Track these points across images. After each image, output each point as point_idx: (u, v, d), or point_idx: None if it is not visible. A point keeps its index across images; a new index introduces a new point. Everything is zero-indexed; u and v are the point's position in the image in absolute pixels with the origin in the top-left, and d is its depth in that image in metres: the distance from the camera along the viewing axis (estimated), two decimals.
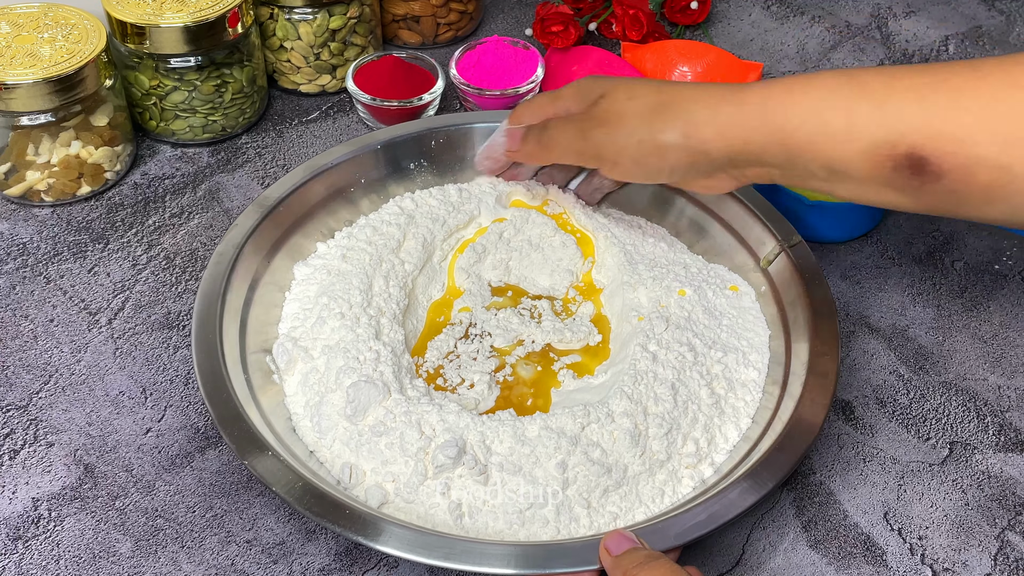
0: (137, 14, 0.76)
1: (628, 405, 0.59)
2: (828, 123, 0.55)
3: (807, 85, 0.56)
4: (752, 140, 0.58)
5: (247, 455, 0.55)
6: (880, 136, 0.54)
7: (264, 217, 0.68)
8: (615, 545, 0.51)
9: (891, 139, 0.53)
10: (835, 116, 0.55)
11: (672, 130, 0.60)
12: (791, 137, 0.56)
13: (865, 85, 0.54)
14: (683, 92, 0.61)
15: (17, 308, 0.71)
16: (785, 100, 0.56)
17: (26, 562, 0.58)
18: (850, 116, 0.54)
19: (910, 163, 0.53)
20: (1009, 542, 0.60)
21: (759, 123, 0.57)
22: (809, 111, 0.55)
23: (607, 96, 0.63)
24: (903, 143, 0.53)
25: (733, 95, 0.58)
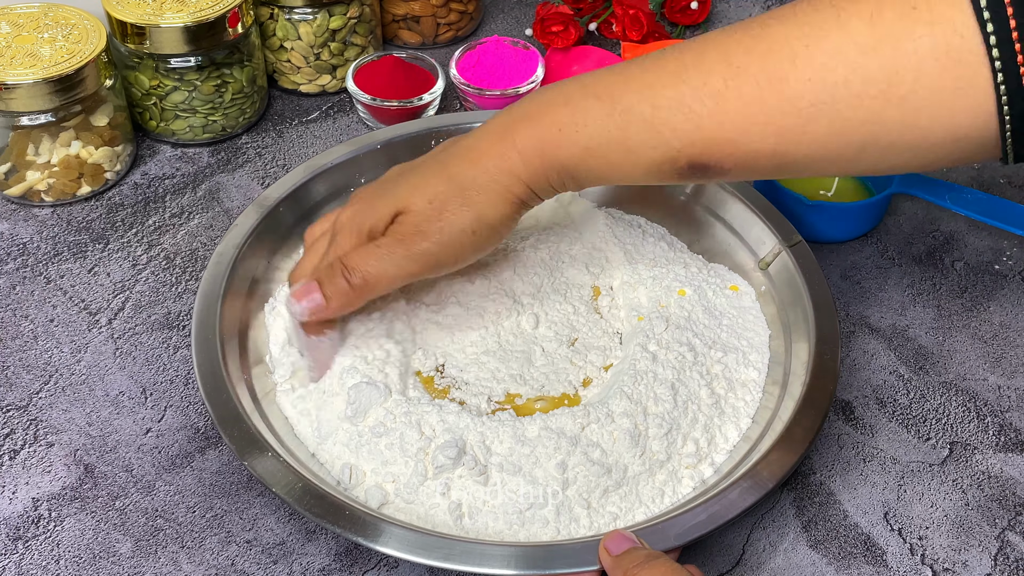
0: (137, 14, 0.76)
1: (628, 405, 0.59)
2: (607, 155, 0.56)
3: (572, 118, 0.56)
4: (542, 176, 0.58)
5: (247, 455, 0.55)
6: (658, 156, 0.54)
7: (264, 217, 0.68)
8: (615, 545, 0.51)
9: (670, 156, 0.54)
10: (612, 148, 0.55)
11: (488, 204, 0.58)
12: (575, 170, 0.57)
13: (630, 110, 0.54)
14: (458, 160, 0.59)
15: (17, 308, 0.71)
16: (559, 141, 0.56)
17: (26, 562, 0.58)
18: (626, 145, 0.55)
19: (693, 169, 0.55)
20: (1009, 542, 0.60)
21: (540, 165, 0.57)
22: (586, 146, 0.56)
23: (407, 211, 0.59)
24: (681, 157, 0.54)
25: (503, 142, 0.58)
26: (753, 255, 0.69)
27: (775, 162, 0.53)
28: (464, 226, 0.58)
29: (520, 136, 0.57)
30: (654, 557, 0.49)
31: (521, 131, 0.57)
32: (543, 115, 0.57)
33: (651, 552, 0.50)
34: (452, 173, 0.58)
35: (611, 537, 0.52)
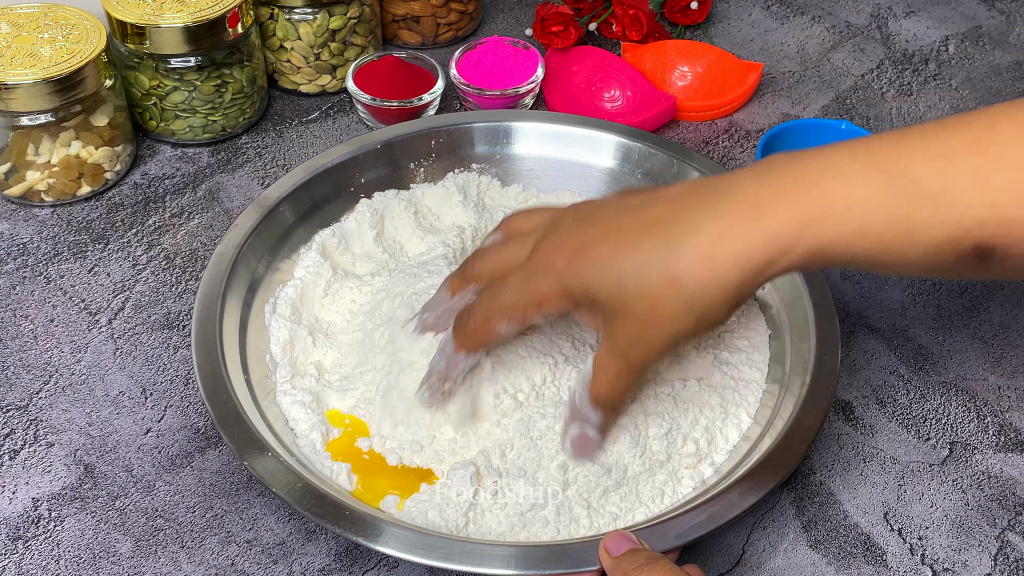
0: (137, 14, 0.76)
1: (627, 406, 0.59)
2: (884, 235, 0.48)
3: (846, 192, 0.48)
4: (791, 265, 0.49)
5: (247, 456, 0.56)
6: (943, 236, 0.47)
7: (264, 217, 0.68)
8: (615, 546, 0.51)
9: (956, 236, 0.47)
10: (891, 227, 0.47)
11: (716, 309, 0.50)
12: (839, 253, 0.49)
13: (917, 183, 0.47)
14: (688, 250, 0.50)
15: (17, 308, 0.71)
16: (826, 220, 0.48)
17: (26, 562, 0.58)
18: (908, 224, 0.47)
19: (976, 254, 0.48)
20: (1009, 542, 0.60)
21: (793, 253, 0.49)
22: (860, 226, 0.48)
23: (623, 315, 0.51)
24: (969, 238, 0.47)
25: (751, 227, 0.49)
26: None
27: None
28: (684, 332, 0.51)
29: (774, 216, 0.48)
30: (654, 559, 0.49)
31: (778, 211, 0.48)
32: (806, 189, 0.48)
33: (651, 554, 0.50)
34: (679, 272, 0.49)
35: (611, 538, 0.52)
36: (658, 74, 0.87)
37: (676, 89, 0.86)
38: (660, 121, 0.85)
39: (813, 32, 0.96)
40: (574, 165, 0.76)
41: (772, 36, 0.96)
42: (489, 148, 0.76)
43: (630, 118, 0.83)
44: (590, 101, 0.85)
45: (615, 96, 0.85)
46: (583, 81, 0.85)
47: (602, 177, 0.76)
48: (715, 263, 0.49)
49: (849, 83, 0.91)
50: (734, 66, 0.87)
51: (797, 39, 0.96)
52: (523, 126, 0.76)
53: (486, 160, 0.76)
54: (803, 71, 0.92)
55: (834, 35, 0.96)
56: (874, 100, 0.89)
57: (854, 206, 0.48)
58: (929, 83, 0.91)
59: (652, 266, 0.50)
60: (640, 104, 0.84)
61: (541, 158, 0.76)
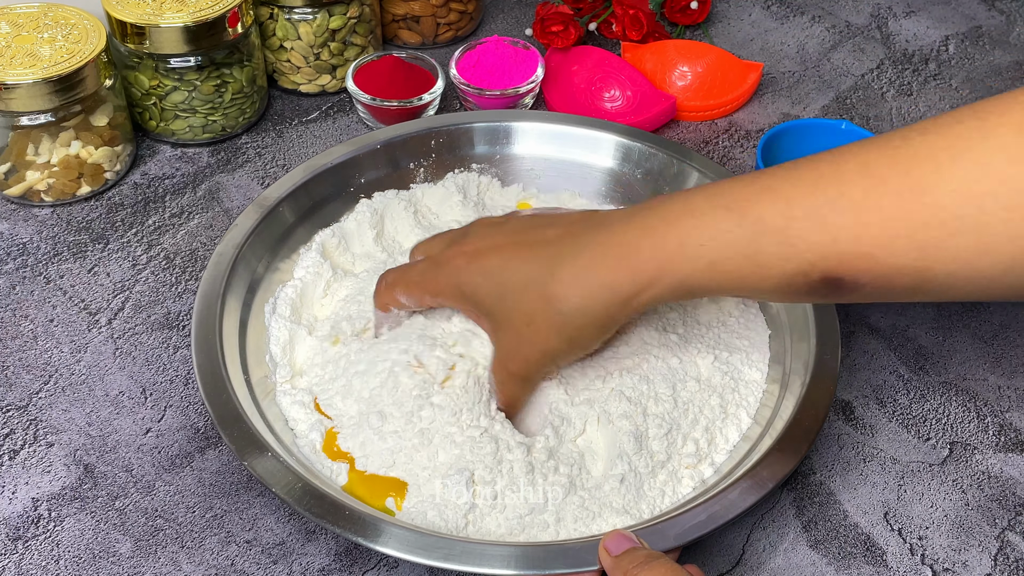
0: (137, 14, 0.76)
1: (627, 407, 0.59)
2: (735, 271, 0.51)
3: (698, 231, 0.52)
4: (656, 297, 0.54)
5: (247, 456, 0.55)
6: (790, 269, 0.50)
7: (264, 217, 0.68)
8: (615, 545, 0.51)
9: (802, 269, 0.50)
10: (740, 263, 0.51)
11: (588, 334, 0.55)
12: (698, 286, 0.53)
13: (762, 220, 0.50)
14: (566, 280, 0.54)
15: (17, 308, 0.71)
16: (682, 256, 0.52)
17: (26, 562, 0.58)
18: (756, 259, 0.51)
19: (826, 284, 0.51)
20: (1009, 542, 0.60)
21: (657, 286, 0.53)
22: (711, 262, 0.52)
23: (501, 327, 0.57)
24: (814, 271, 0.50)
25: (619, 266, 0.53)
26: None
27: (914, 280, 0.49)
28: (556, 351, 0.56)
29: (638, 253, 0.53)
30: (654, 557, 0.49)
31: (640, 247, 0.53)
32: (664, 228, 0.53)
33: (651, 552, 0.50)
34: (552, 293, 0.54)
35: (611, 537, 0.52)
36: (658, 74, 0.87)
37: (676, 89, 0.86)
38: (660, 121, 0.85)
39: (813, 32, 0.96)
40: (574, 165, 0.76)
41: (772, 36, 0.96)
42: (489, 148, 0.76)
43: (630, 118, 0.83)
44: (590, 101, 0.85)
45: (615, 96, 0.85)
46: (583, 81, 0.85)
47: (602, 177, 0.76)
48: (585, 290, 0.54)
49: (849, 83, 0.91)
50: (734, 66, 0.87)
51: (797, 39, 0.96)
52: (523, 126, 0.76)
53: (486, 160, 0.76)
54: (803, 71, 0.92)
55: (834, 35, 0.96)
56: (874, 100, 0.89)
57: (706, 243, 0.51)
58: (929, 83, 0.91)
59: (532, 284, 0.55)
60: (640, 104, 0.84)
61: (541, 158, 0.76)
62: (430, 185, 0.75)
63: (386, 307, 0.63)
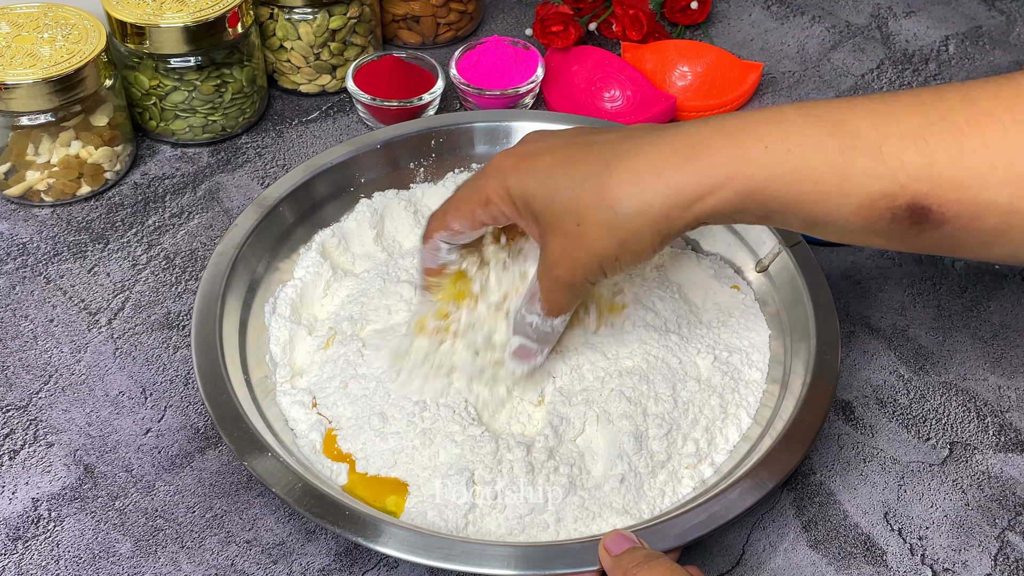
0: (137, 14, 0.76)
1: (627, 407, 0.59)
2: (818, 182, 0.48)
3: (786, 136, 0.48)
4: (725, 205, 0.50)
5: (247, 456, 0.55)
6: (878, 189, 0.48)
7: (264, 217, 0.68)
8: (615, 545, 0.51)
9: (891, 191, 0.47)
10: (826, 173, 0.48)
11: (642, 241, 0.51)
12: (772, 197, 0.49)
13: (855, 134, 0.48)
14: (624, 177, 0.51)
15: (17, 308, 0.71)
16: (763, 160, 0.49)
17: (26, 562, 0.58)
18: (844, 171, 0.48)
19: (911, 214, 0.48)
20: (1009, 542, 0.60)
21: (727, 191, 0.49)
22: (795, 169, 0.48)
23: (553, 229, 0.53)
24: (904, 194, 0.47)
25: (686, 163, 0.50)
26: (753, 255, 0.69)
27: (1002, 221, 0.47)
28: (606, 254, 0.52)
29: (711, 154, 0.49)
30: (654, 557, 0.49)
31: (714, 148, 0.49)
32: (747, 130, 0.49)
33: (651, 552, 0.50)
34: (608, 191, 0.50)
35: (611, 537, 0.52)
36: (658, 74, 0.87)
37: (676, 89, 0.86)
38: (660, 121, 0.85)
39: (813, 32, 0.96)
40: None
41: (772, 36, 0.96)
42: (489, 148, 0.76)
43: (630, 118, 0.83)
44: (590, 101, 0.85)
45: (615, 96, 0.85)
46: (583, 81, 0.85)
47: None
48: (644, 188, 0.50)
49: (849, 83, 0.91)
50: (734, 66, 0.87)
51: (797, 39, 0.96)
52: (523, 126, 0.76)
53: (486, 160, 0.76)
54: (803, 71, 0.92)
55: (834, 35, 0.96)
56: None
57: (792, 149, 0.48)
58: (929, 83, 0.91)
59: (585, 182, 0.51)
60: (640, 104, 0.84)
61: None
62: (430, 185, 0.75)
63: (432, 240, 0.59)
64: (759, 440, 0.59)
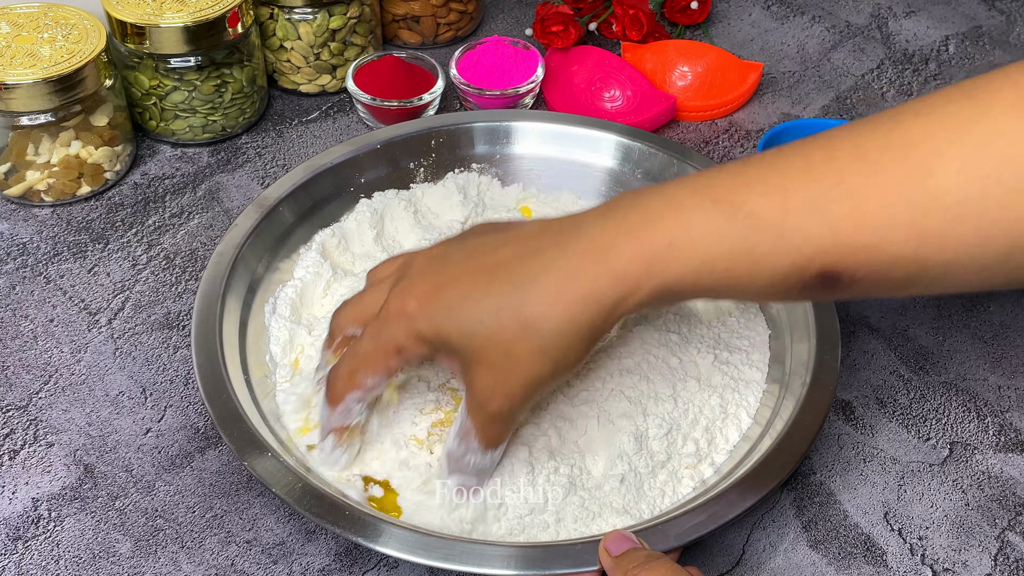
0: (137, 14, 0.76)
1: (627, 407, 0.59)
2: (728, 269, 0.48)
3: (687, 228, 0.48)
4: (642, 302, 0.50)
5: (247, 456, 0.55)
6: (787, 265, 0.48)
7: (264, 217, 0.68)
8: (615, 546, 0.51)
9: (800, 264, 0.47)
10: (734, 260, 0.48)
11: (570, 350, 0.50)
12: (688, 288, 0.49)
13: (755, 215, 0.47)
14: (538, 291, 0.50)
15: (17, 308, 0.71)
16: (670, 257, 0.48)
17: (26, 562, 0.58)
18: (750, 256, 0.48)
19: (822, 281, 0.48)
20: (1009, 542, 0.60)
21: (642, 291, 0.49)
22: (702, 262, 0.48)
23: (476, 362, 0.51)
24: (812, 266, 0.47)
25: (597, 267, 0.49)
26: None
27: (911, 271, 0.47)
28: (541, 377, 0.51)
29: (619, 256, 0.49)
30: (654, 558, 0.49)
31: (621, 249, 0.49)
32: (648, 226, 0.49)
33: (651, 553, 0.50)
34: (530, 315, 0.49)
35: (611, 537, 0.52)
36: (658, 74, 0.87)
37: (676, 89, 0.86)
38: (660, 121, 0.85)
39: (813, 32, 0.96)
40: (574, 165, 0.76)
41: (772, 36, 0.96)
42: (489, 148, 0.76)
43: (630, 118, 0.83)
44: (590, 101, 0.85)
45: (615, 96, 0.85)
46: (583, 81, 0.85)
47: (602, 177, 0.76)
48: (566, 305, 0.49)
49: (849, 83, 0.91)
50: (734, 66, 0.87)
51: (797, 39, 0.96)
52: (523, 126, 0.76)
53: (486, 160, 0.76)
54: (803, 71, 0.92)
55: (834, 35, 0.96)
56: (874, 100, 0.89)
57: (697, 241, 0.48)
58: (929, 83, 0.91)
59: (503, 311, 0.50)
60: (640, 104, 0.84)
61: (541, 158, 0.76)
62: (430, 185, 0.75)
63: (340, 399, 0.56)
64: (759, 440, 0.59)
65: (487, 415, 0.52)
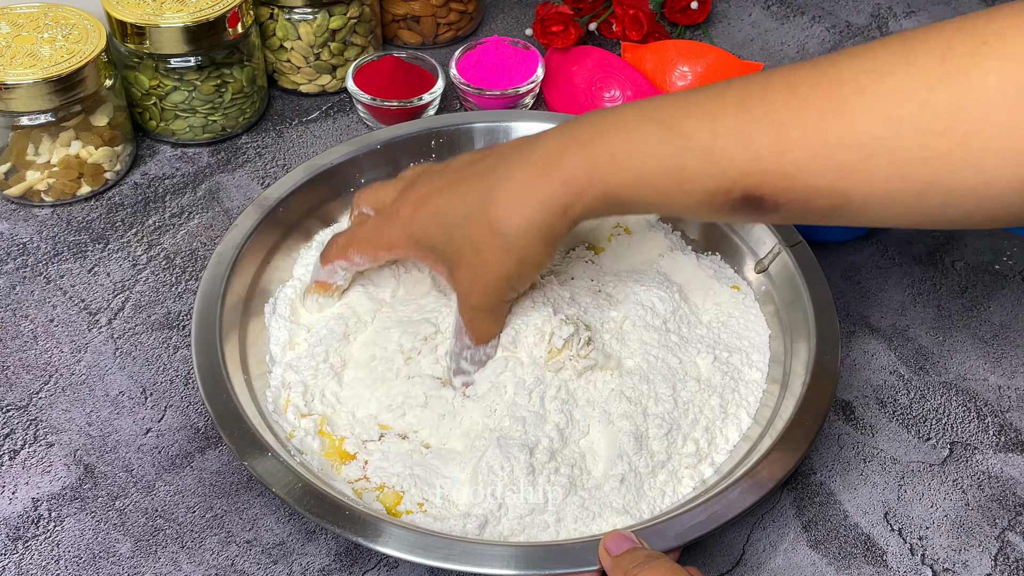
0: (137, 14, 0.76)
1: (628, 407, 0.59)
2: (658, 185, 0.53)
3: (627, 144, 0.53)
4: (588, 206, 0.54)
5: (247, 456, 0.55)
6: (713, 186, 0.52)
7: (264, 217, 0.68)
8: (615, 545, 0.51)
9: (724, 187, 0.51)
10: (664, 178, 0.52)
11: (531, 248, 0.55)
12: (625, 199, 0.54)
13: (688, 136, 0.51)
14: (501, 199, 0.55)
15: (17, 308, 0.71)
16: (610, 167, 0.53)
17: (26, 562, 0.58)
18: (680, 175, 0.52)
19: (747, 203, 0.52)
20: (1009, 542, 0.60)
21: (587, 194, 0.54)
22: (636, 176, 0.53)
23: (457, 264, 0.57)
24: (736, 188, 0.51)
25: (548, 175, 0.54)
26: (753, 255, 0.69)
27: (831, 201, 0.51)
28: (509, 273, 0.57)
29: (568, 164, 0.54)
30: (654, 558, 0.49)
31: (570, 158, 0.54)
32: (595, 140, 0.54)
33: (651, 552, 0.50)
34: (494, 218, 0.55)
35: (611, 537, 0.52)
36: (658, 74, 0.87)
37: (676, 89, 0.86)
38: None
39: (813, 32, 0.96)
40: None
41: (772, 36, 0.96)
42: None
43: None
44: (590, 101, 0.85)
45: (615, 96, 0.85)
46: (583, 81, 0.85)
47: None
48: (522, 207, 0.54)
49: None
50: (734, 66, 0.87)
51: (797, 39, 0.96)
52: (523, 126, 0.76)
53: None
54: None
55: (834, 35, 0.96)
56: None
57: (633, 156, 0.52)
58: None
59: (473, 214, 0.56)
60: None
61: None
62: None
63: (329, 262, 0.64)
64: (759, 440, 0.59)
65: (471, 309, 0.59)
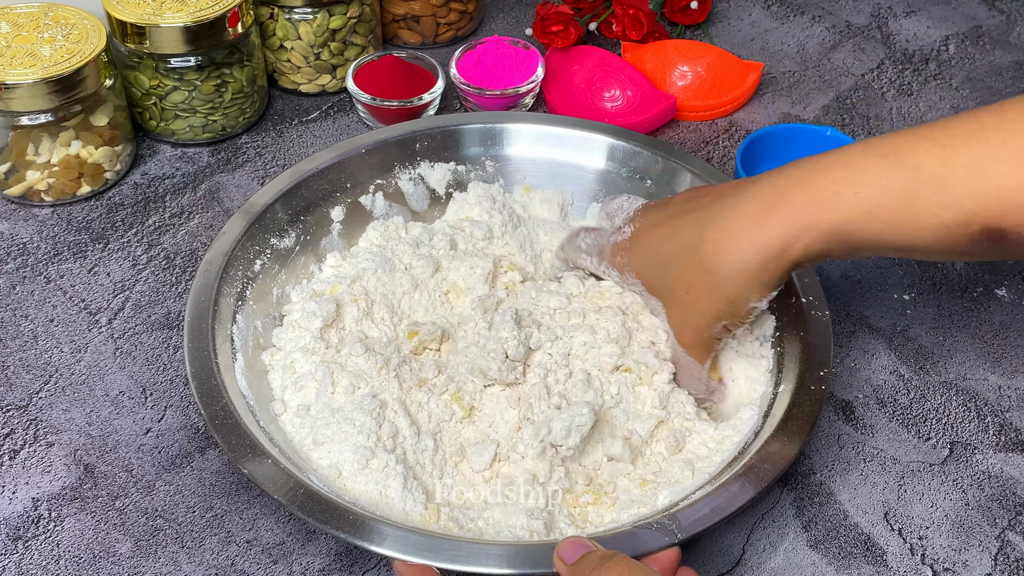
0: (137, 14, 0.76)
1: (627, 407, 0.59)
2: (891, 219, 0.51)
3: (854, 179, 0.51)
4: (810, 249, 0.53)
5: (245, 461, 0.55)
6: (948, 219, 0.50)
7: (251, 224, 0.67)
8: (569, 553, 0.50)
9: (962, 220, 0.50)
10: (897, 211, 0.51)
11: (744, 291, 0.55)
12: (852, 236, 0.52)
13: (920, 168, 0.50)
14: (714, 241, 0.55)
15: (17, 308, 0.71)
16: (835, 204, 0.51)
17: (26, 562, 0.58)
18: (913, 207, 0.50)
19: (986, 236, 0.50)
20: (1009, 542, 0.60)
21: (809, 235, 0.52)
22: (866, 210, 0.51)
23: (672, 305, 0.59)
24: (975, 222, 0.50)
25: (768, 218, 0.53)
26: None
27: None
28: (720, 313, 0.57)
29: (787, 203, 0.53)
30: (608, 558, 0.48)
31: (789, 196, 0.52)
32: (816, 177, 0.52)
33: (606, 553, 0.49)
34: (705, 258, 0.55)
35: (564, 546, 0.50)
36: (658, 74, 0.87)
37: (676, 89, 0.86)
38: (660, 121, 0.85)
39: (813, 32, 0.96)
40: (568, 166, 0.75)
41: (772, 36, 0.96)
42: (487, 149, 0.76)
43: (630, 118, 0.83)
44: (590, 101, 0.85)
45: (615, 96, 0.85)
46: (583, 81, 0.85)
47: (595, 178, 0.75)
48: (735, 249, 0.54)
49: (849, 83, 0.91)
50: (734, 66, 0.87)
51: (797, 39, 0.96)
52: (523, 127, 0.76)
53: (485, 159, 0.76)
54: (803, 71, 0.92)
55: (834, 35, 0.96)
56: (874, 100, 0.89)
57: (861, 190, 0.51)
58: (929, 83, 0.91)
59: (685, 252, 0.56)
60: (640, 104, 0.84)
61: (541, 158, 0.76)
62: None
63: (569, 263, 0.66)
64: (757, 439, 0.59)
65: (684, 346, 0.60)
